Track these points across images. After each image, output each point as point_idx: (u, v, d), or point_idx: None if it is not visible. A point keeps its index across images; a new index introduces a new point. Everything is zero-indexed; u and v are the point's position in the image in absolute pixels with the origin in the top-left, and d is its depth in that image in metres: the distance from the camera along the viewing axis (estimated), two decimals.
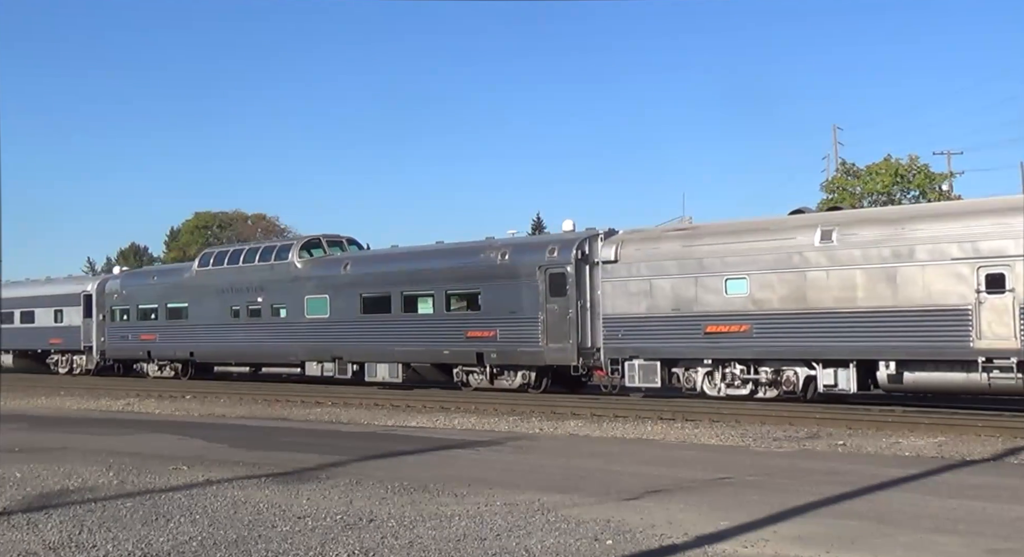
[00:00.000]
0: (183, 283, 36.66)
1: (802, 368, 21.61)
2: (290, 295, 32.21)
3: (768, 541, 8.66)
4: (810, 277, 21.24)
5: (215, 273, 35.14)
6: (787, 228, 22.29)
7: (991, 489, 11.36)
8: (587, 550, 8.46)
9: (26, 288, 45.52)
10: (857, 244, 20.74)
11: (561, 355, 25.29)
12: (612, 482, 12.09)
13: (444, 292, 28.14)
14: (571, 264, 25.16)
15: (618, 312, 24.20)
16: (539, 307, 25.63)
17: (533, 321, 25.74)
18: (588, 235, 25.61)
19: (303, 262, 32.40)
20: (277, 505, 10.69)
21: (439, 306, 28.22)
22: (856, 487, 11.39)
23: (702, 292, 22.72)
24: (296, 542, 8.88)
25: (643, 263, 23.84)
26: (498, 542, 8.76)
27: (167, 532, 9.41)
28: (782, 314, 21.65)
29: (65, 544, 8.97)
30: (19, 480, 12.79)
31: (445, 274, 28.17)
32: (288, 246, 33.53)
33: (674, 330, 23.20)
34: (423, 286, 28.71)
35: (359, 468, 13.59)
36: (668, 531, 9.10)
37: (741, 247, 22.34)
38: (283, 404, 26.16)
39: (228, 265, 34.85)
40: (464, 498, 10.96)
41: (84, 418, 23.10)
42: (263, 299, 33.08)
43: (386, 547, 8.64)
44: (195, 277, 36.07)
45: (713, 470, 13.02)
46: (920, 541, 8.65)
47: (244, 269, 34.07)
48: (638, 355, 23.75)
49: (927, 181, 43.74)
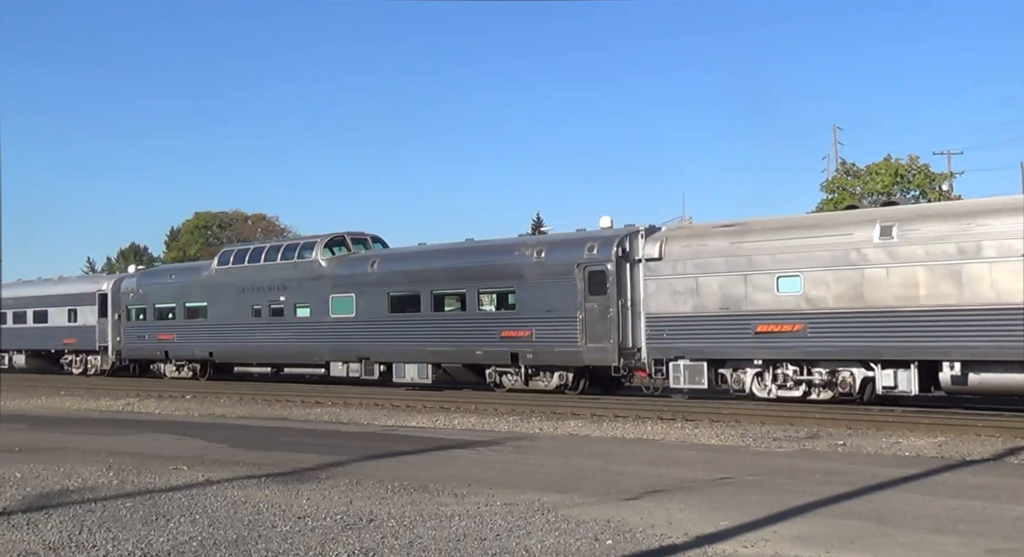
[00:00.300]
0: (202, 282, 35.85)
1: (859, 369, 20.96)
2: (314, 294, 31.42)
3: (768, 541, 8.67)
4: (868, 274, 20.54)
5: (235, 272, 34.33)
6: (843, 224, 21.59)
7: (991, 489, 11.36)
8: (587, 550, 8.46)
9: (39, 287, 44.89)
10: (919, 240, 20.01)
11: (601, 355, 24.63)
12: (612, 482, 12.09)
13: (476, 291, 27.52)
14: (611, 261, 24.49)
15: (662, 311, 23.55)
16: (577, 306, 24.98)
17: (571, 320, 25.11)
18: (628, 232, 24.94)
19: (327, 260, 31.63)
20: (277, 505, 10.69)
21: (471, 305, 27.62)
22: (856, 487, 11.39)
23: (752, 290, 22.07)
24: (296, 542, 8.88)
25: (689, 260, 23.14)
26: (498, 542, 8.76)
27: (167, 532, 9.41)
28: (838, 313, 20.95)
29: (65, 544, 8.97)
30: (19, 480, 12.79)
31: (478, 272, 27.51)
32: (312, 244, 32.48)
33: (722, 329, 22.54)
34: (454, 284, 28.10)
35: (359, 468, 13.59)
36: (668, 531, 9.10)
37: (794, 243, 21.71)
38: (283, 404, 26.15)
39: (249, 263, 34.00)
40: (464, 498, 10.96)
41: (84, 418, 23.10)
42: (286, 298, 32.26)
43: (386, 547, 8.64)
44: (214, 276, 35.22)
45: (713, 470, 13.01)
46: (920, 541, 8.65)
47: (266, 267, 33.25)
48: (683, 355, 23.10)
49: (927, 181, 43.77)
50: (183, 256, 76.25)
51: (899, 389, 20.35)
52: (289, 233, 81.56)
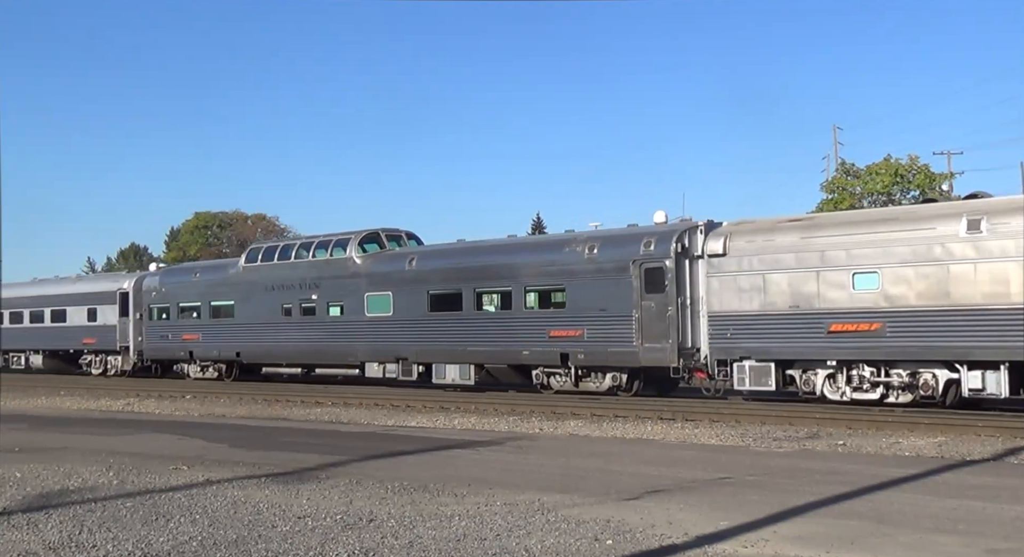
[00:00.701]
0: (228, 280, 34.62)
1: (942, 370, 20.02)
2: (349, 292, 30.26)
3: (768, 541, 8.67)
4: (954, 271, 19.55)
5: (263, 269, 33.16)
6: (925, 217, 20.62)
7: (991, 489, 11.36)
8: (587, 550, 8.46)
9: (57, 286, 43.81)
10: (1010, 234, 19.00)
11: (659, 355, 23.55)
12: (612, 482, 12.09)
13: (523, 289, 26.43)
14: (670, 258, 23.41)
15: (726, 309, 22.53)
16: (633, 304, 23.93)
17: (626, 319, 24.08)
18: (687, 227, 23.99)
19: (362, 257, 30.47)
20: (277, 505, 10.69)
21: (517, 304, 26.54)
22: (856, 487, 11.39)
23: (824, 287, 21.10)
24: (296, 542, 8.88)
25: (755, 256, 22.17)
26: (498, 542, 8.76)
27: (167, 532, 9.41)
28: (920, 311, 19.95)
29: (65, 544, 8.97)
30: (19, 480, 12.79)
31: (524, 270, 26.47)
32: (345, 240, 31.18)
33: (792, 328, 21.60)
34: (499, 282, 26.99)
35: (359, 468, 13.59)
36: (668, 531, 9.10)
37: (870, 238, 20.74)
38: (283, 404, 26.15)
39: (278, 261, 32.82)
40: (464, 498, 10.96)
41: (84, 418, 23.10)
42: (318, 296, 31.07)
43: (386, 547, 8.64)
44: (242, 273, 34.00)
45: (713, 470, 13.01)
46: (920, 541, 8.65)
47: (296, 265, 32.09)
48: (749, 356, 22.09)
49: (927, 181, 43.76)
50: (183, 256, 76.20)
51: (987, 391, 19.40)
52: (289, 233, 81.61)
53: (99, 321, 40.11)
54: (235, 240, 79.57)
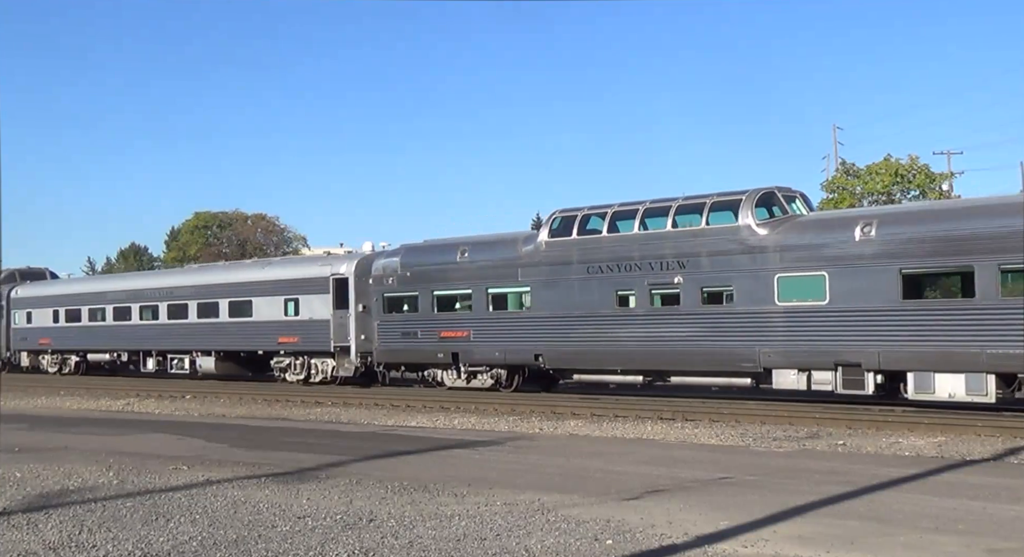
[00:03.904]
0: (521, 259, 26.60)
1: None
2: (744, 273, 22.59)
3: (768, 541, 8.67)
4: None
5: (582, 244, 25.40)
6: None
7: (991, 489, 11.36)
8: (587, 550, 8.46)
9: (236, 272, 35.78)
10: None
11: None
12: (612, 482, 12.09)
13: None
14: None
15: None
16: None
17: None
18: None
19: (765, 224, 22.64)
20: (277, 505, 10.69)
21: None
22: (856, 487, 11.39)
23: None
24: (296, 542, 8.88)
25: None
26: (498, 542, 8.76)
27: (167, 532, 9.41)
28: None
29: (65, 544, 8.97)
30: (19, 480, 12.80)
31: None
32: (733, 202, 23.38)
33: None
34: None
35: (359, 468, 13.59)
36: (668, 531, 9.10)
37: None
38: (283, 404, 26.15)
39: (608, 233, 25.12)
40: (464, 498, 10.96)
41: (84, 418, 23.10)
42: (683, 279, 23.47)
43: (386, 547, 8.64)
44: (544, 250, 26.06)
45: (713, 470, 13.01)
46: (920, 541, 8.65)
47: (643, 238, 24.42)
48: None
49: (927, 181, 43.76)
50: (183, 256, 76.12)
51: None
52: (289, 233, 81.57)
53: (303, 315, 32.00)
54: (235, 240, 79.46)
